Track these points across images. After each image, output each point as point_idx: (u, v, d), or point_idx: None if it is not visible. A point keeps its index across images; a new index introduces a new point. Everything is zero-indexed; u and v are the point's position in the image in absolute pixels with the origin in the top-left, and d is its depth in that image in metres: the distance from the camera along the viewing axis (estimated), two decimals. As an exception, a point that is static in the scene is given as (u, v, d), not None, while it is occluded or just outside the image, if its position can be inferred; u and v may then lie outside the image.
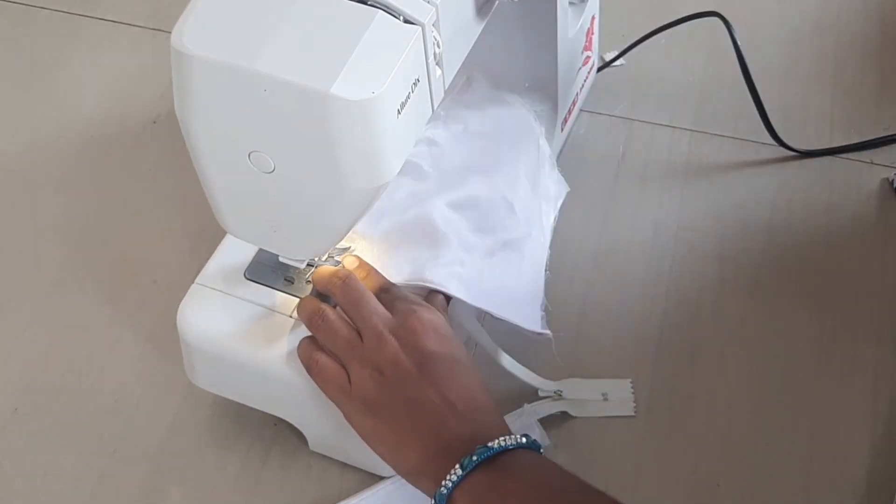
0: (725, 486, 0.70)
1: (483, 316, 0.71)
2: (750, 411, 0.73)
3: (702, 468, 0.71)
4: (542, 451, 0.59)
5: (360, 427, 0.62)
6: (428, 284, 0.67)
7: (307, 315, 0.64)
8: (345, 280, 0.65)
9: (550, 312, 0.72)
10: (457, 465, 0.56)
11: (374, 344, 0.61)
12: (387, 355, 0.61)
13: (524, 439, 0.58)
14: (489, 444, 0.57)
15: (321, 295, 0.67)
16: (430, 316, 0.63)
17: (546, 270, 0.74)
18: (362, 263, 0.68)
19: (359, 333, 0.63)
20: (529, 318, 0.70)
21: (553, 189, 0.79)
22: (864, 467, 0.70)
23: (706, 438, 0.72)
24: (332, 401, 0.63)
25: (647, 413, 0.73)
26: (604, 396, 0.74)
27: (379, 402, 0.61)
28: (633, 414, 0.73)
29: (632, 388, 0.74)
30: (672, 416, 0.73)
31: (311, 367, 0.64)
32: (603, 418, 0.73)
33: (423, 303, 0.65)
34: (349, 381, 0.62)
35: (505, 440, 0.57)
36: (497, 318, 0.69)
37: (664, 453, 0.72)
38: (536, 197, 0.76)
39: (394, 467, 0.61)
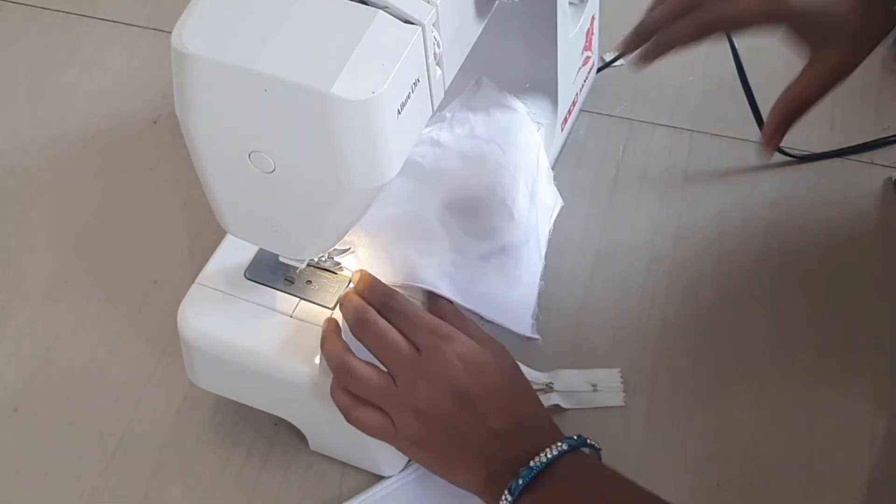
0: (725, 486, 0.70)
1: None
2: (750, 411, 0.73)
3: (701, 468, 0.71)
4: (588, 444, 0.60)
5: (414, 458, 0.65)
6: (420, 285, 0.67)
7: (334, 367, 0.63)
8: (365, 324, 0.63)
9: (548, 314, 0.72)
10: (506, 492, 0.58)
11: (408, 389, 0.62)
12: (422, 399, 0.61)
13: (565, 445, 0.59)
14: (531, 465, 0.58)
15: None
16: (454, 347, 0.62)
17: (541, 280, 0.74)
18: (371, 279, 0.66)
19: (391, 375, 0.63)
20: (520, 322, 0.71)
21: (549, 201, 0.79)
22: (864, 467, 0.70)
23: (706, 438, 0.72)
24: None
25: (646, 413, 0.73)
26: (593, 387, 0.74)
27: (425, 439, 0.62)
28: (622, 404, 0.73)
29: (621, 377, 0.74)
30: (672, 416, 0.73)
31: (350, 421, 0.64)
32: (601, 418, 0.73)
33: (444, 329, 0.63)
34: (392, 424, 0.62)
35: (547, 454, 0.58)
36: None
37: (664, 453, 0.71)
38: (534, 206, 0.76)
39: (454, 485, 0.63)
